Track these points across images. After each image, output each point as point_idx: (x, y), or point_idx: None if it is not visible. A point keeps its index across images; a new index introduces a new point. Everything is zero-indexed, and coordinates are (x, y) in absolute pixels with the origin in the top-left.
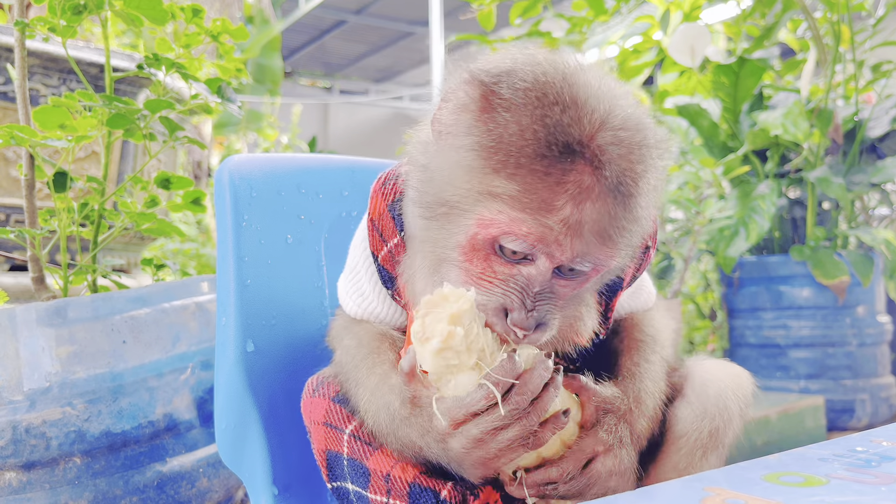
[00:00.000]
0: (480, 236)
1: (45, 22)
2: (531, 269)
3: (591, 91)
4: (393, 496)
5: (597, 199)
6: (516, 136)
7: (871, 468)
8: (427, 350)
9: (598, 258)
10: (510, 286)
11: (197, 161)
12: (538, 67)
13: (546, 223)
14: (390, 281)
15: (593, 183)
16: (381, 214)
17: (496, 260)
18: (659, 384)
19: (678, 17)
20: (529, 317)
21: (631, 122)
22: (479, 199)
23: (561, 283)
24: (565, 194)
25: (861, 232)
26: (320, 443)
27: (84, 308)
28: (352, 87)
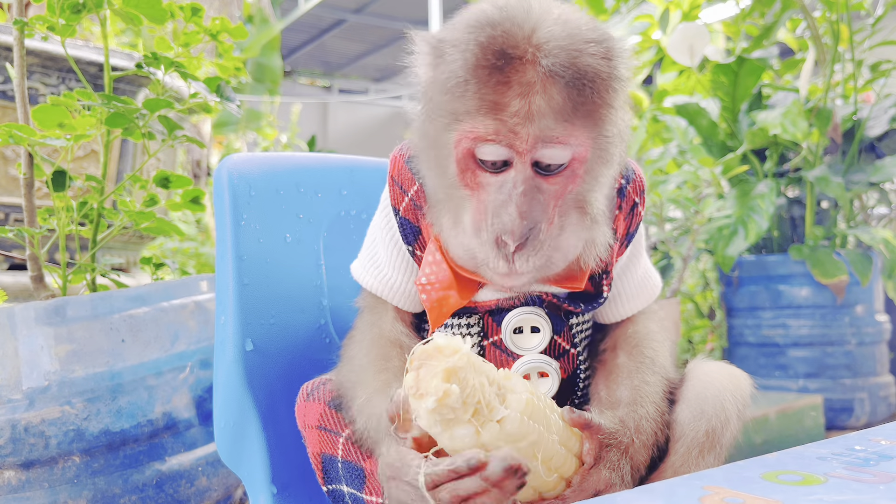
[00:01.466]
0: (460, 154)
1: (44, 21)
2: (512, 172)
3: (523, 8)
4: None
5: (542, 88)
6: (460, 62)
7: (869, 467)
8: (422, 407)
9: (565, 141)
10: (501, 197)
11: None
12: (476, 8)
13: (501, 118)
14: (413, 233)
15: (534, 75)
16: (401, 169)
17: (483, 177)
18: (658, 406)
19: (677, 16)
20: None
21: (565, 20)
22: (450, 126)
23: (549, 182)
24: (510, 91)
25: (860, 231)
26: (315, 446)
27: (83, 307)
28: (351, 86)
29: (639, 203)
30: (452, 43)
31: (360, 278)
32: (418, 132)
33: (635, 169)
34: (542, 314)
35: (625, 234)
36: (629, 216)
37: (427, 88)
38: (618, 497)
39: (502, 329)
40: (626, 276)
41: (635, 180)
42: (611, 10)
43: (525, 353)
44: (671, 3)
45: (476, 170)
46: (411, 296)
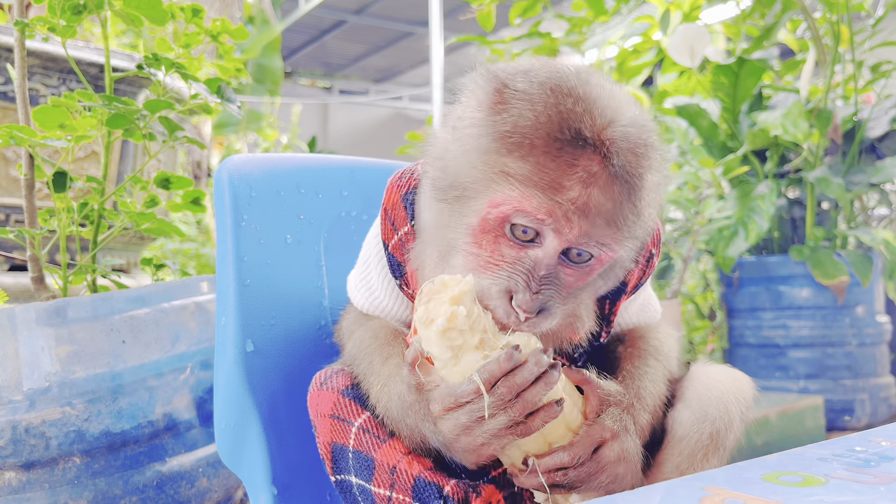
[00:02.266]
0: (492, 215)
1: (45, 22)
2: (538, 251)
3: (601, 90)
4: (396, 490)
5: (604, 185)
6: (530, 121)
7: (870, 468)
8: (432, 332)
9: (604, 242)
10: (517, 269)
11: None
12: (552, 67)
13: (556, 200)
14: (399, 270)
15: (601, 170)
16: (395, 204)
17: (505, 243)
18: (658, 386)
19: (678, 17)
20: (534, 299)
21: (637, 123)
22: (492, 180)
23: (567, 272)
24: (575, 176)
25: (860, 232)
26: (326, 435)
27: (83, 308)
28: (352, 87)
29: (655, 254)
30: (524, 96)
31: (354, 298)
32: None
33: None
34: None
35: (636, 283)
36: (644, 267)
37: (474, 129)
38: (618, 497)
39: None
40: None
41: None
42: (611, 11)
43: None
44: (672, 4)
45: (500, 236)
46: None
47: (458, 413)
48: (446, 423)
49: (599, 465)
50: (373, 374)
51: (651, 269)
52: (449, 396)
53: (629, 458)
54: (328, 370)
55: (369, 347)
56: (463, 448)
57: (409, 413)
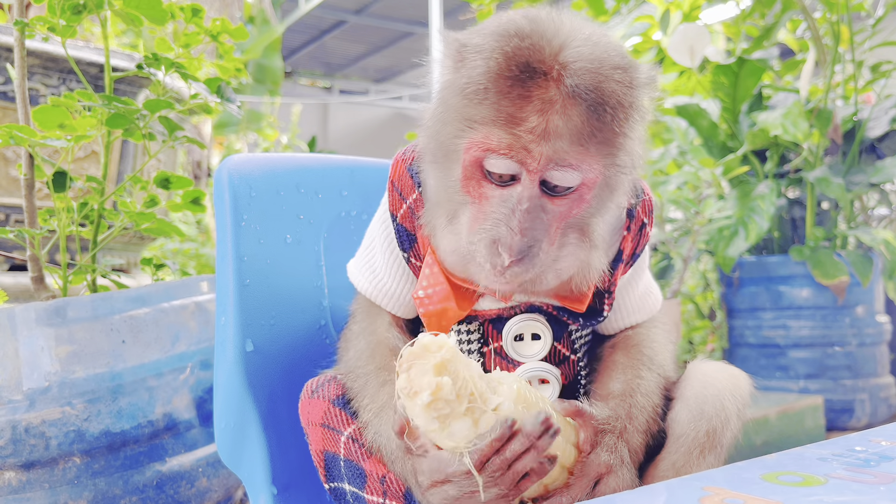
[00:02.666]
0: (467, 162)
1: (45, 21)
2: (518, 187)
3: (553, 23)
4: (389, 497)
5: (561, 108)
6: (482, 69)
7: (869, 468)
8: (417, 405)
9: (577, 165)
10: (500, 212)
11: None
12: (505, 16)
13: (515, 133)
14: (409, 240)
15: (556, 94)
16: (401, 175)
17: (488, 187)
18: (651, 399)
19: (678, 17)
20: (518, 241)
21: (594, 42)
22: (463, 130)
23: (556, 203)
24: (529, 107)
25: (860, 232)
26: (318, 444)
27: (83, 308)
28: (352, 87)
29: (647, 223)
30: (476, 48)
31: (356, 281)
32: (428, 131)
33: (645, 189)
34: (543, 321)
35: (631, 253)
36: (637, 236)
37: (444, 90)
38: (618, 497)
39: (503, 336)
40: (627, 291)
41: (645, 200)
42: (611, 11)
43: (526, 360)
44: (672, 4)
45: (482, 180)
46: (407, 303)
47: (448, 487)
48: (435, 495)
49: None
50: (366, 398)
51: (645, 238)
52: (438, 472)
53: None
54: (320, 378)
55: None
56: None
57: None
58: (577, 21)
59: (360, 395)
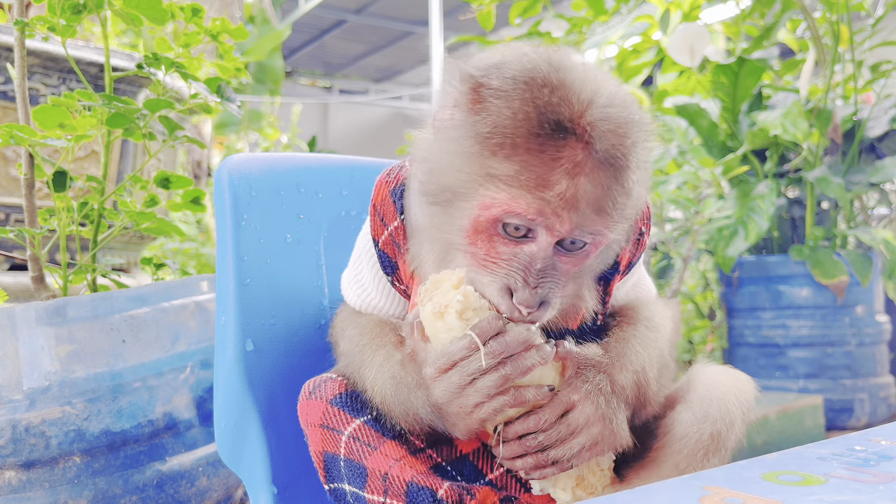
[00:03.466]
0: (483, 218)
1: (45, 21)
2: (533, 246)
3: (577, 74)
4: (390, 496)
5: (590, 173)
6: (509, 120)
7: (869, 467)
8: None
9: (596, 229)
10: (514, 265)
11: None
12: (524, 57)
13: (544, 197)
14: (390, 266)
15: (586, 157)
16: (384, 200)
17: (499, 241)
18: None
19: (677, 17)
20: (533, 294)
21: (617, 100)
22: (480, 182)
23: (563, 260)
24: (560, 169)
25: (860, 232)
26: (317, 444)
27: (84, 307)
28: (352, 86)
29: (645, 232)
30: (499, 93)
31: (346, 294)
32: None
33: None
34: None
35: (628, 263)
36: (635, 246)
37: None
38: (618, 497)
39: None
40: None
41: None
42: (611, 11)
43: None
44: (671, 4)
45: (493, 235)
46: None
47: (451, 373)
48: (439, 385)
49: (570, 428)
50: (366, 366)
51: (642, 247)
52: (442, 356)
53: (604, 418)
54: (317, 379)
55: (360, 342)
56: (455, 412)
57: (401, 388)
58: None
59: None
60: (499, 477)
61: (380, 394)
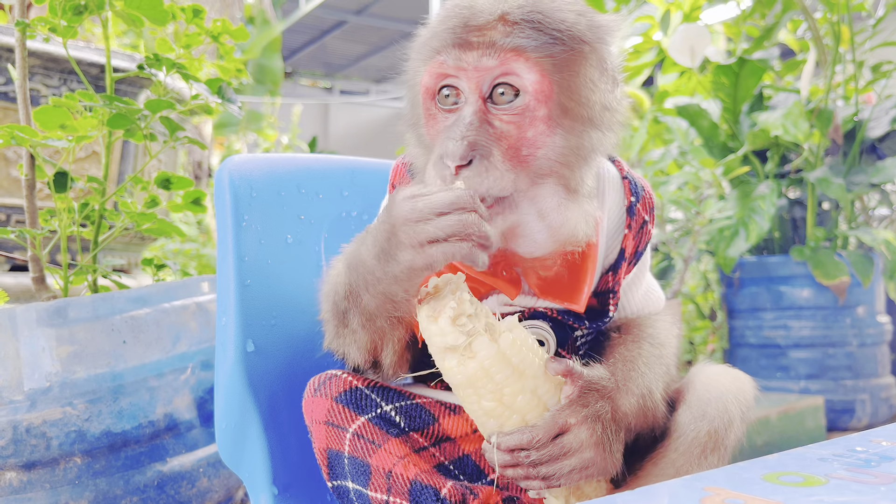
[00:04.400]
0: (422, 95)
1: (46, 22)
2: (463, 105)
3: None
4: (393, 494)
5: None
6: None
7: (870, 468)
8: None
9: (515, 72)
10: (447, 132)
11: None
12: None
13: (456, 52)
14: None
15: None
16: (402, 177)
17: (441, 119)
18: (653, 370)
19: (678, 17)
20: (459, 145)
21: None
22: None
23: (502, 119)
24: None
25: (861, 232)
26: (321, 441)
27: (84, 308)
28: (352, 87)
29: (648, 221)
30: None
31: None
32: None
33: (645, 186)
34: (546, 328)
35: (633, 252)
36: (639, 234)
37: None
38: (618, 497)
39: None
40: (631, 291)
41: (645, 198)
42: (612, 12)
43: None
44: (672, 5)
45: (437, 113)
46: None
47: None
48: (403, 205)
49: (562, 450)
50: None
51: (646, 236)
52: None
53: (600, 444)
54: (322, 376)
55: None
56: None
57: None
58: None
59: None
60: (500, 477)
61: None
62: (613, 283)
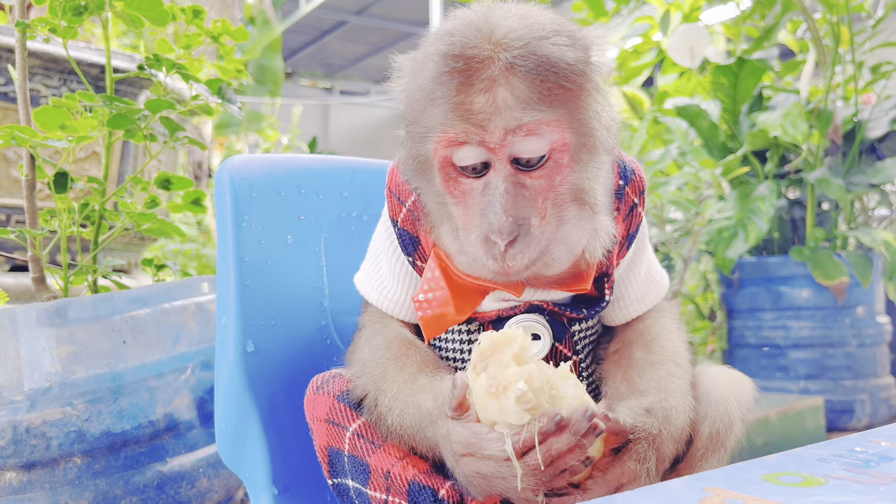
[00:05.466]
0: (440, 164)
1: (46, 23)
2: (492, 172)
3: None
4: (392, 493)
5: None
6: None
7: (869, 468)
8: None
9: (537, 131)
10: (483, 203)
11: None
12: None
13: (469, 119)
14: (411, 243)
15: (495, 69)
16: (398, 181)
17: (467, 184)
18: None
19: (678, 18)
20: (504, 221)
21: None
22: (427, 137)
23: (533, 177)
24: (474, 89)
25: (860, 233)
26: (322, 439)
27: (84, 308)
28: (352, 87)
29: (638, 204)
30: (420, 58)
31: (365, 292)
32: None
33: (635, 169)
34: (542, 322)
35: (625, 235)
36: (628, 217)
37: (405, 106)
38: (618, 498)
39: None
40: (630, 277)
41: (634, 181)
42: (611, 12)
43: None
44: (672, 5)
45: (458, 177)
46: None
47: (481, 463)
48: (466, 463)
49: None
50: (387, 381)
51: (636, 219)
52: (475, 446)
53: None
54: (325, 374)
55: (384, 356)
56: (476, 490)
57: (429, 427)
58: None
59: (380, 380)
60: None
61: (399, 416)
62: (607, 266)
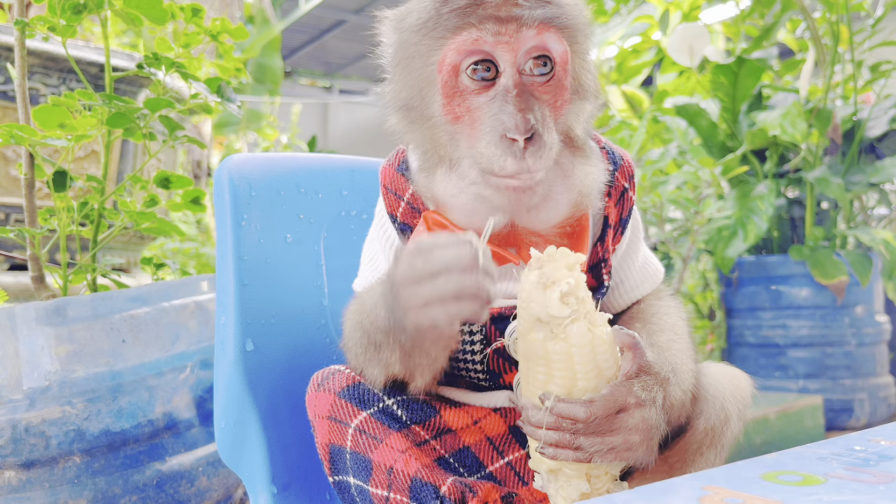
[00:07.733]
0: (445, 77)
1: (45, 21)
2: (501, 78)
3: None
4: (394, 490)
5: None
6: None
7: (869, 467)
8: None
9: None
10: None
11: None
12: None
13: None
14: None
15: None
16: (392, 177)
17: (472, 94)
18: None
19: (677, 17)
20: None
21: None
22: (432, 52)
23: (539, 90)
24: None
25: (860, 232)
26: (324, 436)
27: (83, 307)
28: (351, 86)
29: (629, 188)
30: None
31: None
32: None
33: (623, 155)
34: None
35: (618, 220)
36: (620, 202)
37: (396, 51)
38: (617, 497)
39: (506, 336)
40: (627, 263)
41: (623, 166)
42: (611, 11)
43: None
44: (671, 4)
45: (464, 92)
46: None
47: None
48: (409, 294)
49: (612, 427)
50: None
51: (627, 202)
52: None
53: (648, 430)
54: (326, 371)
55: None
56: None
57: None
58: None
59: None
60: (499, 469)
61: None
62: (603, 252)
